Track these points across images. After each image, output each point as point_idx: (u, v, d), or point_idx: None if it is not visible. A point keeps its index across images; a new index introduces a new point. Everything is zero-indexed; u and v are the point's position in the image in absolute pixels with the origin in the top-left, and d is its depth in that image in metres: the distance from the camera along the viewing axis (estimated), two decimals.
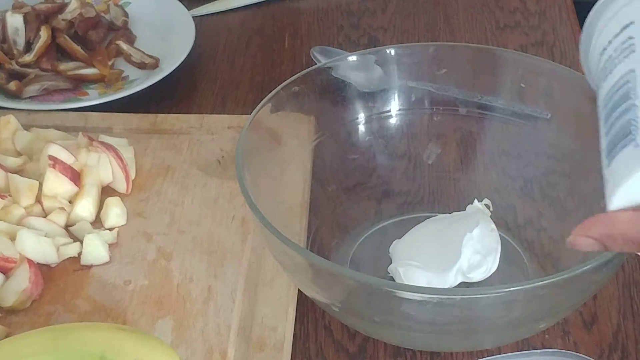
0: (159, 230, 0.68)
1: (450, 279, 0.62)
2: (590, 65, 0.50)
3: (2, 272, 0.63)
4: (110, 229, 0.68)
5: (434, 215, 0.68)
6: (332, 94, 0.68)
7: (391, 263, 0.64)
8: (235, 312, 0.61)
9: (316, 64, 0.82)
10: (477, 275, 0.62)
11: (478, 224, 0.63)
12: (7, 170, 0.69)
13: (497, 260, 0.63)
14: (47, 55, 0.86)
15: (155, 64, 0.87)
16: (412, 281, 0.62)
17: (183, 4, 0.93)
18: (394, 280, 0.63)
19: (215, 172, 0.73)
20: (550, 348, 0.60)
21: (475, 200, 0.66)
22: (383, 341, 0.61)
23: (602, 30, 0.48)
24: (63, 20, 0.88)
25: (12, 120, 0.74)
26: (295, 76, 0.66)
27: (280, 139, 0.66)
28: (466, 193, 0.69)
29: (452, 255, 0.62)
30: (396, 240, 0.66)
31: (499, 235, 0.65)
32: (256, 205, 0.56)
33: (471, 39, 0.92)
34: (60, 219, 0.67)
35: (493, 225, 0.64)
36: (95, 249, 0.65)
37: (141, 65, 0.88)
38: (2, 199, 0.67)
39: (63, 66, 0.86)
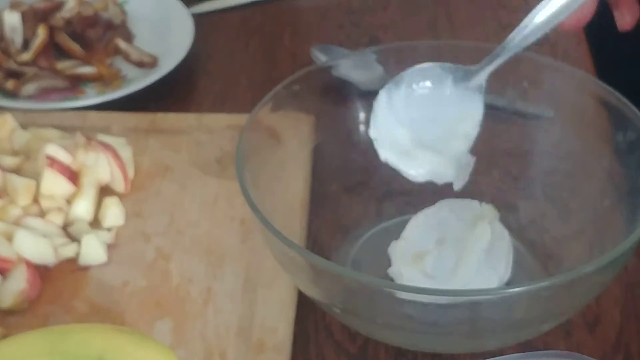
0: (157, 231, 0.67)
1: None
2: None
3: None
4: (109, 229, 0.67)
5: None
6: (332, 93, 0.68)
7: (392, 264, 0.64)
8: (234, 314, 0.61)
9: (316, 62, 0.81)
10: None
11: (489, 235, 0.61)
12: (5, 169, 0.69)
13: (510, 271, 0.62)
14: (45, 53, 0.86)
15: (153, 63, 0.87)
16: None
17: (182, 2, 0.93)
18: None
19: (215, 171, 0.72)
20: (553, 349, 0.59)
21: (484, 203, 0.65)
22: (384, 342, 0.61)
23: None
24: (61, 18, 0.88)
25: (9, 119, 0.74)
26: (296, 75, 0.65)
27: (280, 138, 0.65)
28: (468, 193, 0.68)
29: (464, 269, 0.61)
30: (394, 242, 0.65)
31: None
32: (256, 206, 0.55)
33: (473, 38, 0.92)
34: (57, 219, 0.67)
35: (505, 232, 0.63)
36: (93, 249, 0.65)
37: (139, 64, 0.87)
38: None
39: (61, 65, 0.86)
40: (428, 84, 0.62)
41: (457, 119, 0.61)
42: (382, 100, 0.62)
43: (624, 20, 0.61)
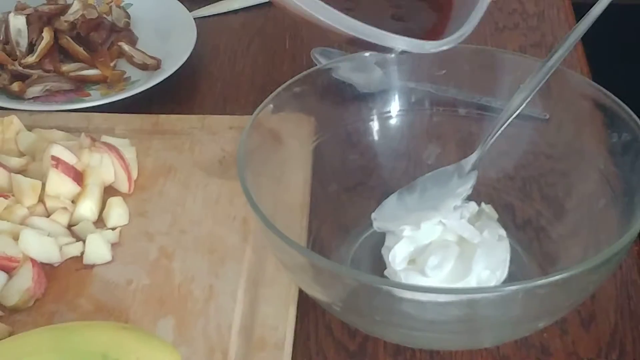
0: (160, 230, 0.68)
1: None
2: None
3: (5, 272, 0.63)
4: (113, 229, 0.68)
5: None
6: (332, 95, 0.69)
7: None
8: (236, 312, 0.61)
9: (317, 65, 0.82)
10: None
11: (487, 235, 0.62)
12: (11, 170, 0.70)
13: (506, 271, 0.62)
14: (50, 56, 0.86)
15: (156, 65, 0.87)
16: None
17: (184, 5, 0.93)
18: None
19: (217, 172, 0.73)
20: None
21: (483, 204, 0.66)
22: (383, 340, 0.62)
23: None
24: (65, 21, 0.88)
25: (15, 121, 0.74)
26: (296, 77, 0.66)
27: (281, 139, 0.66)
28: None
29: (461, 268, 0.61)
30: (387, 246, 0.64)
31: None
32: (257, 205, 0.56)
33: (470, 40, 0.91)
34: (63, 218, 0.68)
35: (502, 232, 0.63)
36: (97, 248, 0.65)
37: (143, 66, 0.88)
38: (5, 199, 0.67)
39: (65, 67, 0.86)
40: (436, 187, 0.65)
41: (455, 189, 0.64)
42: (392, 199, 0.65)
43: None
